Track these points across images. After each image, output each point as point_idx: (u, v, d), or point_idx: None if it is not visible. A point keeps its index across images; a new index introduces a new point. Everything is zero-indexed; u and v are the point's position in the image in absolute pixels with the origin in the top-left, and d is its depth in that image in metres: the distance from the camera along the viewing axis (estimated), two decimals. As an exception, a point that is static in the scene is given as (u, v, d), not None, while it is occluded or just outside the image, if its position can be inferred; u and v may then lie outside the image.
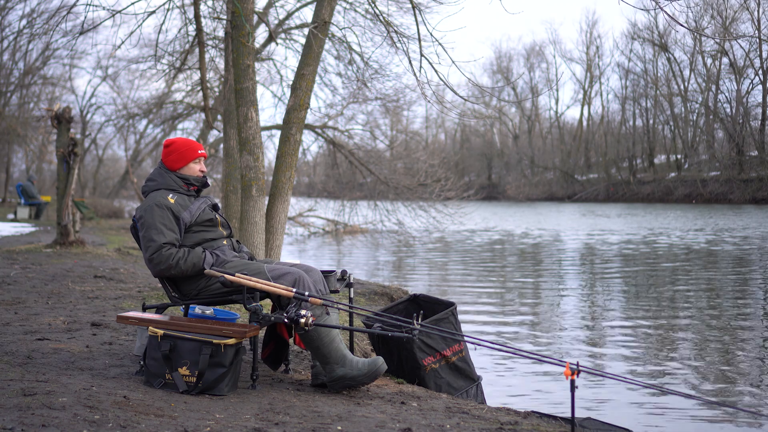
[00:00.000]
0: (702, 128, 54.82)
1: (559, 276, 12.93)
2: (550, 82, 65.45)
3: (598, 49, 63.61)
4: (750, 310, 9.09)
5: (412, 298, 5.14)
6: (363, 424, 3.31)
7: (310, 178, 30.61)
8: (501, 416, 3.72)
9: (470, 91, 29.02)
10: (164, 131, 28.86)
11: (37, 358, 4.14)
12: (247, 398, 3.67)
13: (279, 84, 18.57)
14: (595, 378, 5.76)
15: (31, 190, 22.79)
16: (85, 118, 38.29)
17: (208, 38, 11.37)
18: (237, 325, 3.81)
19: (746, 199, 45.12)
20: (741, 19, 47.75)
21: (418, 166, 20.29)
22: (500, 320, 8.62)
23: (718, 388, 5.65)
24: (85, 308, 6.13)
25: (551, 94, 65.58)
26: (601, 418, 4.28)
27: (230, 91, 10.39)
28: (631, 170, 58.38)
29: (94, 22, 8.93)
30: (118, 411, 3.09)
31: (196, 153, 4.21)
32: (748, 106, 49.90)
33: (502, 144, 68.72)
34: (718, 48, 49.20)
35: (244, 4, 6.83)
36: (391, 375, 4.60)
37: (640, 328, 7.96)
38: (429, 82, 7.40)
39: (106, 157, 46.40)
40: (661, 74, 57.35)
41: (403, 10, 11.24)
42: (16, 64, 31.08)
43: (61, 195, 11.19)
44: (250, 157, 6.82)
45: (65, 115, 11.15)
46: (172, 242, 3.96)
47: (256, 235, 6.81)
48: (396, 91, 17.26)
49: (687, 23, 15.43)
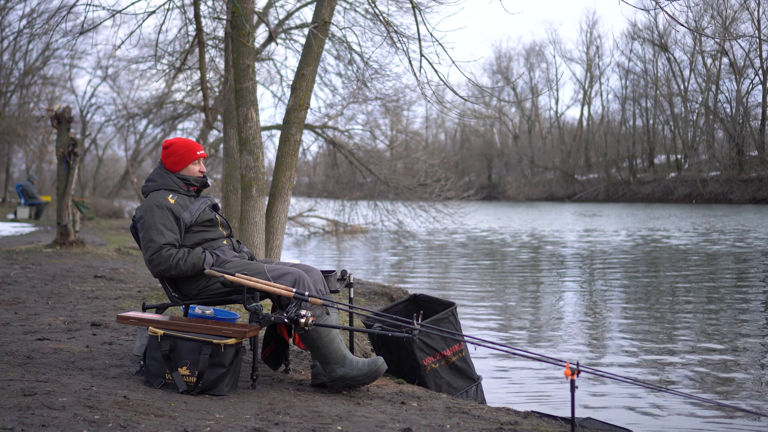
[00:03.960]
0: (702, 128, 54.85)
1: (559, 276, 12.93)
2: (550, 82, 65.47)
3: (598, 49, 63.71)
4: (750, 309, 9.09)
5: (412, 298, 5.13)
6: (363, 424, 3.31)
7: (310, 178, 30.63)
8: (501, 416, 3.71)
9: (470, 91, 28.99)
10: (164, 131, 28.85)
11: (37, 358, 4.14)
12: (247, 398, 3.67)
13: (279, 84, 18.59)
14: (595, 378, 5.76)
15: (31, 190, 22.78)
16: (85, 118, 38.30)
17: (208, 38, 11.36)
18: (237, 325, 3.81)
19: (746, 199, 45.13)
20: (741, 19, 47.82)
21: (418, 166, 20.28)
22: (500, 320, 8.62)
23: (718, 388, 5.65)
24: (85, 308, 6.13)
25: (551, 94, 65.68)
26: (601, 418, 4.28)
27: (230, 91, 10.39)
28: (631, 170, 58.40)
29: (94, 22, 8.92)
30: (118, 411, 3.09)
31: (195, 154, 4.21)
32: (748, 106, 49.95)
33: (502, 144, 68.73)
34: (718, 48, 49.21)
35: (244, 4, 6.83)
36: (391, 375, 4.60)
37: (640, 328, 7.95)
38: (429, 82, 7.40)
39: (106, 157, 46.46)
40: (661, 74, 57.42)
41: (403, 10, 11.24)
42: (16, 64, 31.10)
43: (61, 195, 11.20)
44: (250, 157, 6.82)
45: (65, 115, 11.16)
46: (172, 243, 3.96)
47: (256, 235, 6.81)
48: (396, 91, 17.25)
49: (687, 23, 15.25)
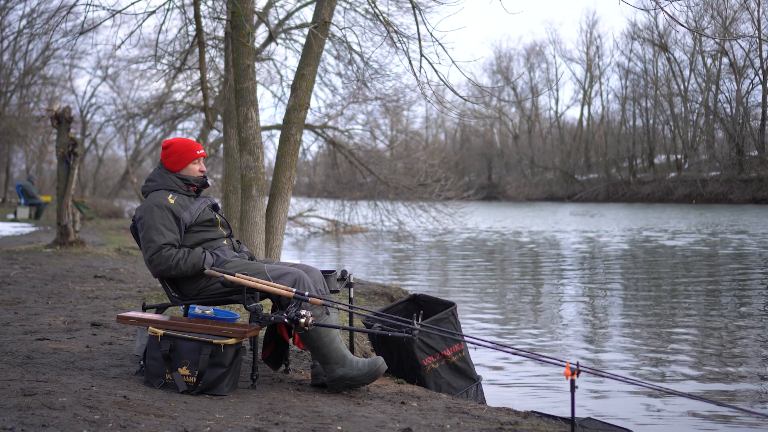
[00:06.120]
0: (702, 128, 54.83)
1: (559, 276, 12.93)
2: (550, 82, 65.44)
3: (598, 49, 63.67)
4: (750, 309, 9.09)
5: (412, 298, 5.13)
6: (363, 424, 3.31)
7: (310, 178, 30.62)
8: (501, 416, 3.71)
9: (470, 91, 28.98)
10: (164, 131, 28.86)
11: (37, 358, 4.14)
12: (247, 398, 3.67)
13: (279, 84, 18.61)
14: (595, 378, 5.76)
15: (31, 190, 22.78)
16: (85, 118, 38.30)
17: (208, 38, 11.37)
18: (237, 325, 3.81)
19: (746, 199, 45.11)
20: (741, 19, 47.78)
21: (418, 166, 20.27)
22: (500, 320, 8.62)
23: (718, 388, 5.65)
24: (85, 308, 6.13)
25: (551, 94, 65.64)
26: (601, 418, 4.28)
27: (230, 91, 10.39)
28: (631, 170, 58.38)
29: (94, 22, 8.93)
30: (118, 411, 3.09)
31: (195, 154, 4.21)
32: (748, 106, 49.92)
33: (502, 144, 68.71)
34: (718, 48, 49.19)
35: (244, 4, 6.83)
36: (391, 375, 4.60)
37: (640, 328, 7.95)
38: (429, 82, 7.40)
39: (106, 157, 46.44)
40: (661, 74, 57.38)
41: (403, 10, 11.25)
42: (16, 64, 31.10)
43: (61, 195, 11.19)
44: (250, 157, 6.82)
45: (65, 115, 11.15)
46: (171, 243, 3.96)
47: (256, 235, 6.81)
48: (396, 91, 17.26)
49: (687, 23, 15.36)
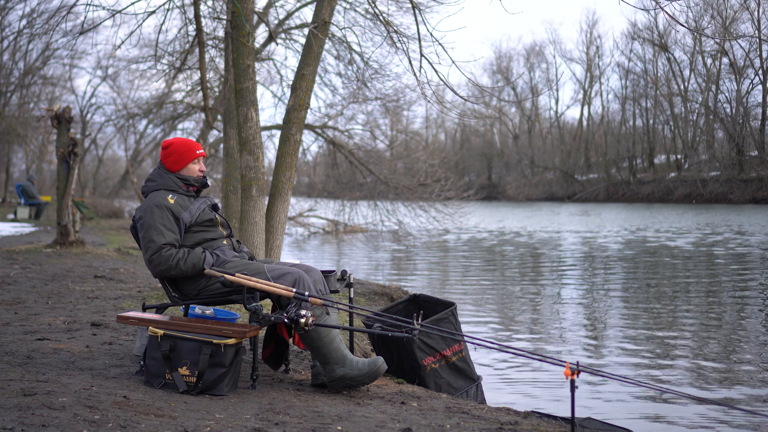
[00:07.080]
0: (702, 128, 54.82)
1: (559, 276, 12.93)
2: (550, 82, 65.44)
3: (598, 49, 63.68)
4: (750, 309, 9.09)
5: (412, 298, 5.13)
6: (363, 424, 3.31)
7: (310, 178, 30.59)
8: (501, 416, 3.71)
9: (470, 91, 28.99)
10: (164, 131, 28.84)
11: (37, 358, 4.14)
12: (247, 398, 3.67)
13: (279, 84, 18.59)
14: (595, 378, 5.76)
15: (31, 190, 22.78)
16: (85, 118, 38.29)
17: (208, 38, 11.37)
18: (237, 325, 3.81)
19: (746, 199, 45.11)
20: (741, 19, 47.76)
21: (418, 166, 20.26)
22: (500, 320, 8.62)
23: (718, 388, 5.65)
24: (85, 308, 6.13)
25: (551, 94, 65.65)
26: (601, 418, 4.28)
27: (230, 91, 10.39)
28: (631, 170, 58.38)
29: (94, 22, 8.92)
30: (118, 411, 3.09)
31: (194, 153, 4.21)
32: (748, 106, 49.92)
33: (502, 144, 68.71)
34: (718, 48, 49.18)
35: (244, 4, 6.83)
36: (391, 375, 4.60)
37: (640, 328, 7.95)
38: (429, 82, 7.40)
39: (106, 157, 46.43)
40: (661, 74, 57.39)
41: (403, 10, 11.23)
42: (16, 64, 31.10)
43: (61, 195, 11.19)
44: (250, 157, 6.82)
45: (65, 115, 11.15)
46: (171, 243, 3.96)
47: (256, 235, 6.81)
48: (396, 91, 17.24)
49: (687, 23, 15.37)
